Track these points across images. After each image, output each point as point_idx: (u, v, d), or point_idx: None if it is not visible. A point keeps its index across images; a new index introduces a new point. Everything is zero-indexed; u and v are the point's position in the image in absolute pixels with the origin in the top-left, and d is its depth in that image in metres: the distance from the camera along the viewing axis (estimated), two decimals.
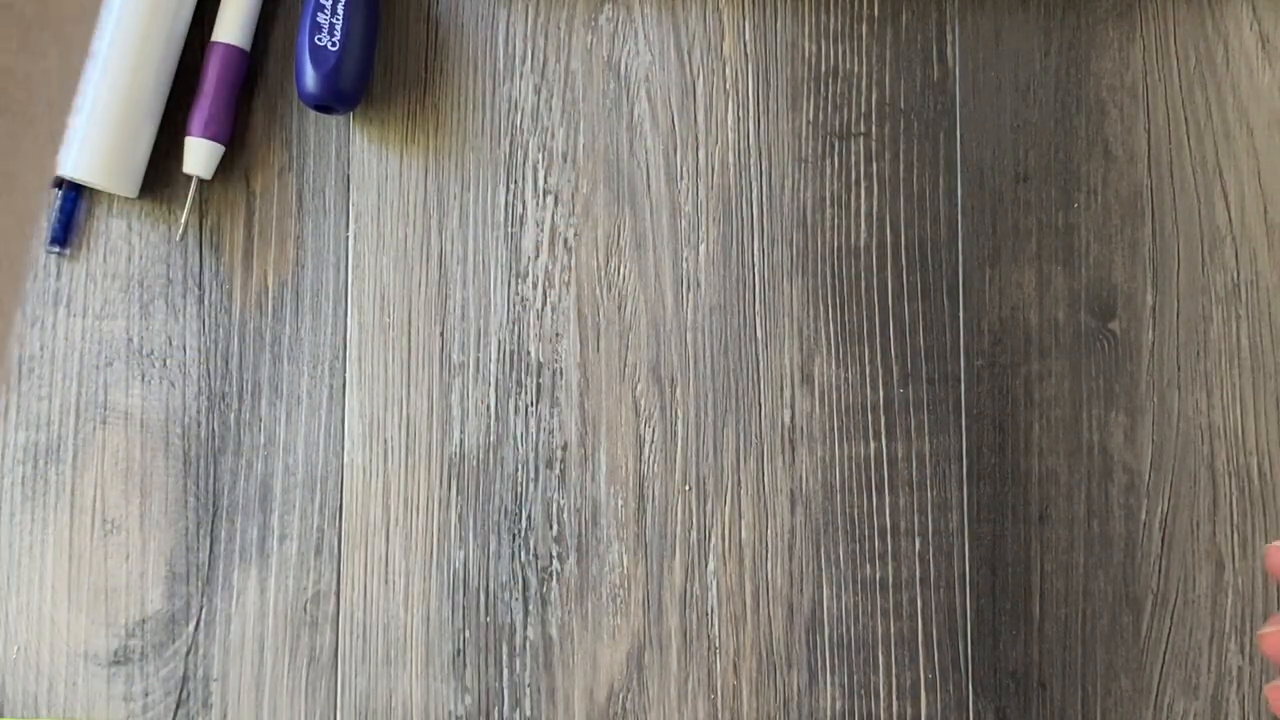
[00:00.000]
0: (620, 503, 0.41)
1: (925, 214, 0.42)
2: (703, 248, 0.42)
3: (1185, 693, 0.40)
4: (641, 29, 0.43)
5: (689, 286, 0.42)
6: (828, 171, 0.42)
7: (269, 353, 0.42)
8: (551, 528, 0.41)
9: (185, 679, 0.41)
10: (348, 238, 0.42)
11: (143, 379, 0.41)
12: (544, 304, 0.42)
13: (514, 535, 0.41)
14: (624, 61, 0.42)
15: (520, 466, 0.41)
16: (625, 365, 0.42)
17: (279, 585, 0.41)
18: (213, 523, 0.41)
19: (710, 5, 0.43)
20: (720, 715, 0.40)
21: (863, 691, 0.40)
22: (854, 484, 0.41)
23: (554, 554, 0.41)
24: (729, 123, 0.42)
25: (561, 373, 0.42)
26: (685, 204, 0.42)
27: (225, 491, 0.41)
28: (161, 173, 0.42)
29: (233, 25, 0.41)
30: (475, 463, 0.41)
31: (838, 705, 0.40)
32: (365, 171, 0.42)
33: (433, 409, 0.41)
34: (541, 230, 0.42)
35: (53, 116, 0.23)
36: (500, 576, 0.41)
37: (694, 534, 0.41)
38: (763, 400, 0.41)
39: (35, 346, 0.41)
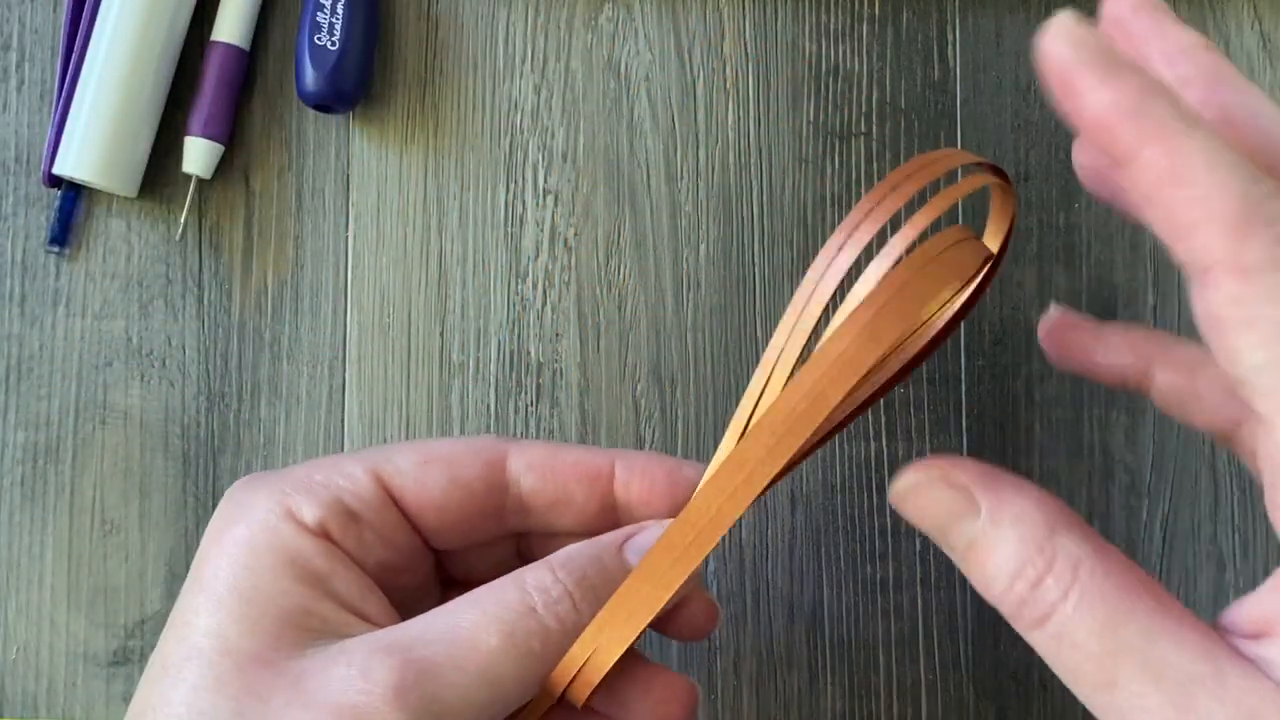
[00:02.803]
0: None
1: None
2: (703, 247, 0.42)
3: None
4: (641, 29, 0.42)
5: (689, 286, 0.42)
6: (828, 171, 0.42)
7: (269, 353, 0.42)
8: None
9: None
10: (347, 237, 0.42)
11: (142, 379, 0.41)
12: (544, 304, 0.42)
13: None
14: (624, 61, 0.42)
15: None
16: (625, 365, 0.42)
17: None
18: None
19: (710, 5, 0.43)
20: (720, 715, 0.40)
21: (863, 692, 0.40)
22: (854, 484, 0.41)
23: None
24: (729, 122, 0.42)
25: (561, 373, 0.41)
26: (685, 204, 0.42)
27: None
28: (160, 172, 0.42)
29: (232, 25, 0.41)
30: None
31: (838, 706, 0.40)
32: (365, 171, 0.42)
33: (432, 409, 0.41)
34: (541, 230, 0.42)
35: None
36: None
37: None
38: None
39: (34, 346, 0.41)
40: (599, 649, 0.26)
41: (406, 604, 0.29)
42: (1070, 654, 0.24)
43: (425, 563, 0.31)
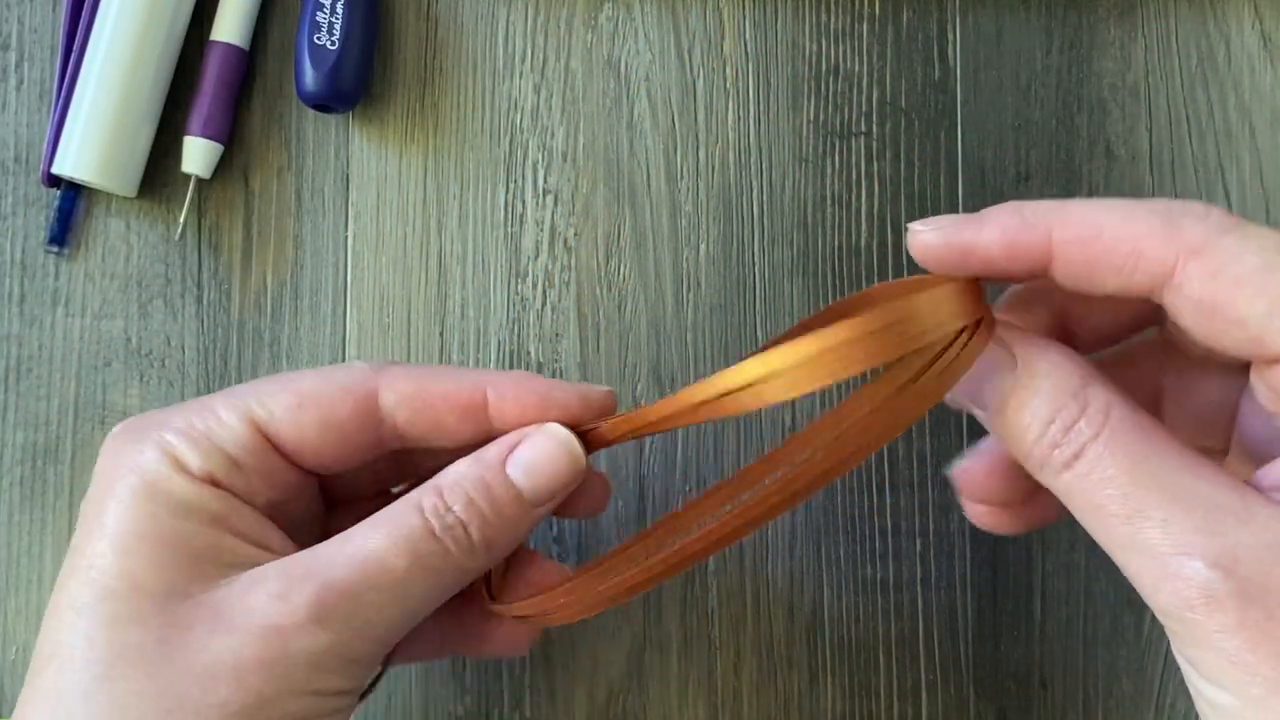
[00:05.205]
0: (620, 503, 0.41)
1: (926, 213, 0.42)
2: (703, 247, 0.42)
3: (1187, 693, 0.40)
4: (641, 28, 0.42)
5: (689, 286, 0.42)
6: (828, 171, 0.42)
7: (268, 353, 0.42)
8: (551, 528, 0.41)
9: None
10: (347, 237, 0.42)
11: (141, 379, 0.41)
12: (544, 304, 0.42)
13: None
14: (624, 61, 0.42)
15: None
16: (625, 365, 0.41)
17: None
18: None
19: (710, 4, 0.43)
20: (720, 716, 0.40)
21: (863, 692, 0.40)
22: (854, 484, 0.41)
23: (554, 554, 0.41)
24: (729, 122, 0.42)
25: (561, 373, 0.41)
26: (685, 203, 0.42)
27: None
28: (160, 172, 0.42)
29: (231, 24, 0.41)
30: None
31: (838, 706, 0.40)
32: (364, 171, 0.42)
33: None
34: (541, 230, 0.42)
35: None
36: None
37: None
38: None
39: (34, 346, 0.41)
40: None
41: (296, 529, 0.31)
42: (1098, 490, 0.24)
43: (310, 490, 0.32)
